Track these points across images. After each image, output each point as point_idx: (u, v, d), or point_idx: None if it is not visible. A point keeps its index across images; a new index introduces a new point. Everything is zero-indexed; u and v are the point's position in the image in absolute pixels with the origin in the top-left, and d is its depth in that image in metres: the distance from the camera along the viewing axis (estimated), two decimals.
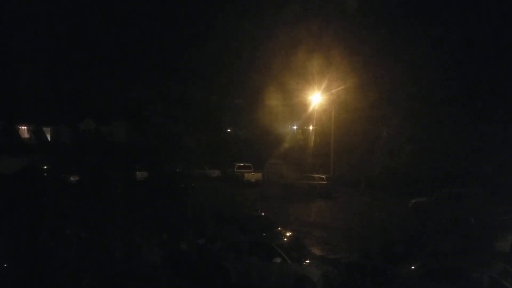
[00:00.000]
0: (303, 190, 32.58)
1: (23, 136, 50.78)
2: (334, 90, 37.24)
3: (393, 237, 16.85)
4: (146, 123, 54.89)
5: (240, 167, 40.10)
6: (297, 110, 42.72)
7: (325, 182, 32.90)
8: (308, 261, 12.88)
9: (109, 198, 26.86)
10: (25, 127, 51.49)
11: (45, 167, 38.48)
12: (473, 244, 16.71)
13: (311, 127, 43.11)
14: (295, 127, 47.39)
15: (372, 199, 30.59)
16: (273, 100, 42.47)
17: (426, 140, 35.58)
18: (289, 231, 17.01)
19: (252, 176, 39.48)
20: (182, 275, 13.84)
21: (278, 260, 12.61)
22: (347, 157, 37.42)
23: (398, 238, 16.68)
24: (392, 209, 26.62)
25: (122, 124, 55.01)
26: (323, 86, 37.54)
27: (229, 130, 57.94)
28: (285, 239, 14.90)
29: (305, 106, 40.46)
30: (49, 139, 53.07)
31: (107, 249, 14.88)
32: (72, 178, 35.23)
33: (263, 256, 12.95)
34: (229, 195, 31.66)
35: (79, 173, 35.92)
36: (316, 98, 38.67)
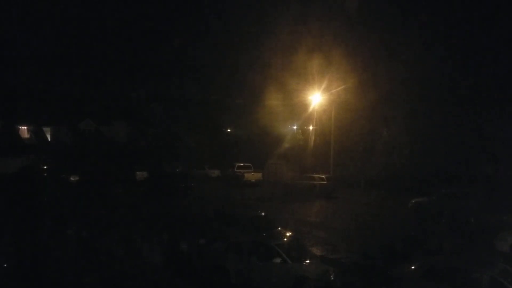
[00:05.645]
0: (303, 190, 32.56)
1: (23, 136, 50.72)
2: (334, 90, 37.23)
3: (393, 237, 16.84)
4: (146, 123, 54.95)
5: (240, 167, 40.09)
6: (297, 110, 42.74)
7: (325, 182, 32.87)
8: (308, 261, 12.87)
9: (109, 198, 26.91)
10: (25, 127, 51.41)
11: (45, 167, 38.51)
12: (473, 244, 16.71)
13: (311, 127, 43.08)
14: (295, 127, 47.38)
15: (372, 199, 30.58)
16: (273, 100, 42.51)
17: (426, 140, 35.58)
18: (289, 231, 16.98)
19: (252, 176, 39.46)
20: (183, 275, 13.85)
21: (278, 260, 12.60)
22: (347, 157, 37.42)
23: (398, 238, 16.67)
24: (392, 209, 26.63)
25: (122, 124, 55.01)
26: (323, 86, 37.51)
27: (229, 130, 57.99)
28: (285, 239, 14.88)
29: (305, 106, 40.47)
30: (49, 139, 53.02)
31: (107, 249, 14.89)
32: (72, 178, 35.27)
33: (263, 256, 12.94)
34: (229, 195, 31.68)
35: (79, 173, 35.95)
36: (316, 98, 38.64)
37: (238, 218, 17.36)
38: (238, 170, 39.78)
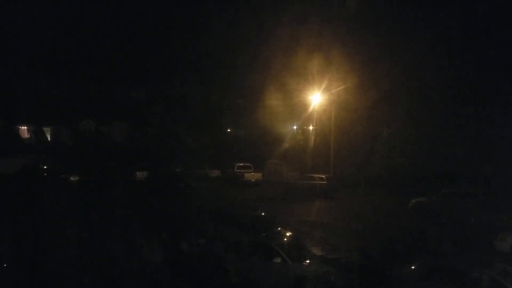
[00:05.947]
0: (303, 190, 32.55)
1: (23, 136, 50.77)
2: (334, 90, 37.20)
3: (393, 237, 16.84)
4: (146, 123, 54.96)
5: (240, 167, 40.09)
6: (297, 110, 42.73)
7: (325, 182, 32.85)
8: (308, 261, 12.88)
9: (109, 198, 26.90)
10: (25, 127, 51.48)
11: (45, 167, 38.46)
12: (473, 244, 16.72)
13: (311, 127, 43.08)
14: (295, 127, 47.38)
15: (372, 199, 30.57)
16: (273, 100, 42.51)
17: (426, 140, 35.58)
18: (289, 231, 16.99)
19: (252, 176, 39.45)
20: (182, 275, 13.84)
21: (278, 260, 12.60)
22: (347, 157, 37.40)
23: (398, 238, 16.67)
24: (392, 209, 26.63)
25: (122, 124, 55.03)
26: (323, 86, 37.47)
27: (229, 130, 57.98)
28: (285, 239, 14.89)
29: (305, 106, 40.45)
30: (49, 139, 53.04)
31: (107, 249, 14.89)
32: (72, 178, 35.25)
33: (263, 256, 12.95)
34: (229, 195, 31.68)
35: (79, 173, 35.93)
36: (316, 98, 38.61)
37: (238, 218, 17.41)
38: (238, 170, 39.77)
